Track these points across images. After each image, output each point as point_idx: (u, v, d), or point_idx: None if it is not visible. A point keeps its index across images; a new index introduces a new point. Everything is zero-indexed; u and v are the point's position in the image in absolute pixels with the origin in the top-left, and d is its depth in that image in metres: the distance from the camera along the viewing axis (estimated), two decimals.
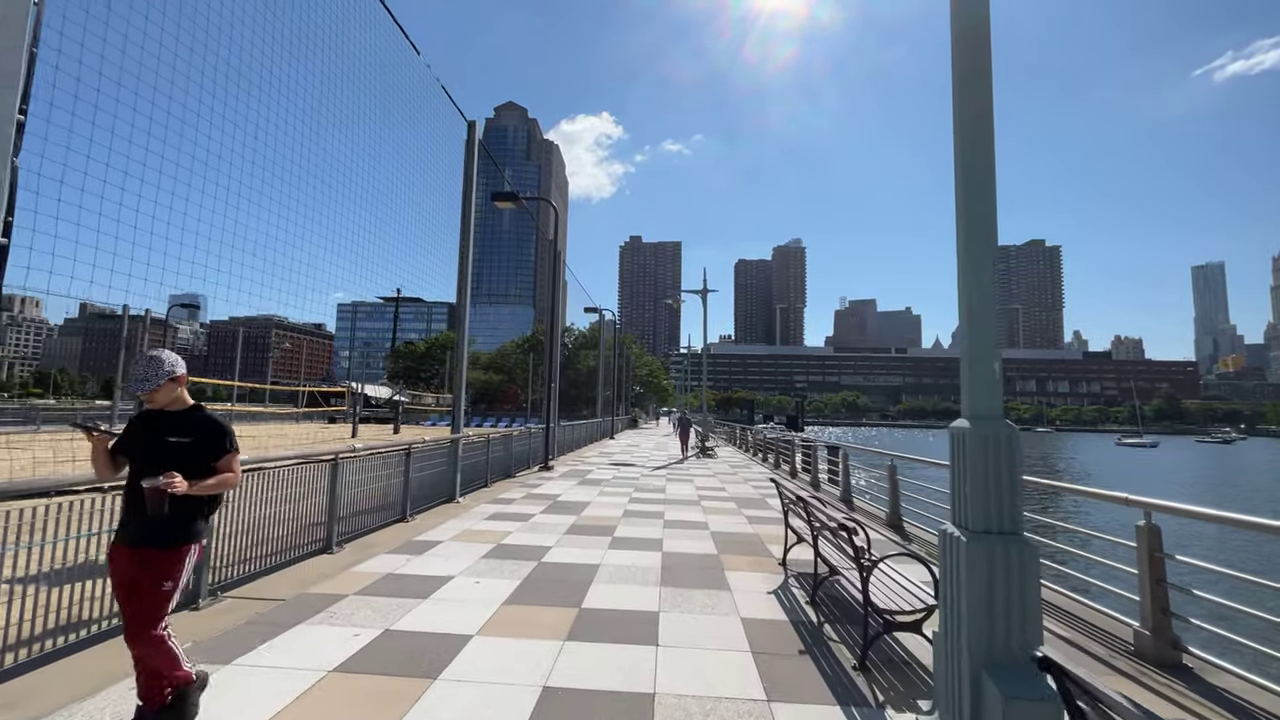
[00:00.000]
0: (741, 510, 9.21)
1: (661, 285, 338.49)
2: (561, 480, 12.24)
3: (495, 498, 9.62)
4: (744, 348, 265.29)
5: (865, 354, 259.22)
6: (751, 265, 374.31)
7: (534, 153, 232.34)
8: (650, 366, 72.58)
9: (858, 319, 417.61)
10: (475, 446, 10.36)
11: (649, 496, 10.34)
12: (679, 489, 11.48)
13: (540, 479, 12.33)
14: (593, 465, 15.87)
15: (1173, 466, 54.75)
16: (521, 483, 11.60)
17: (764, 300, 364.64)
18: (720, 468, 16.38)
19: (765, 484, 12.75)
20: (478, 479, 10.45)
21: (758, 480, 13.42)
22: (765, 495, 10.93)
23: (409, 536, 6.68)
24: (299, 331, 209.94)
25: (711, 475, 14.28)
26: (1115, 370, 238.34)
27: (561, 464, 15.81)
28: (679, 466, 16.44)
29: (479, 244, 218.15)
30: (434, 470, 8.64)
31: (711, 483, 12.71)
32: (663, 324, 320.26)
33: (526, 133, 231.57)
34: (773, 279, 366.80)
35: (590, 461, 17.02)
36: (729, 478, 13.83)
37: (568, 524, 7.66)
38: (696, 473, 14.81)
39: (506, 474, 12.33)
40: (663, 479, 13.10)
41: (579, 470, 14.40)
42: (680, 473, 14.69)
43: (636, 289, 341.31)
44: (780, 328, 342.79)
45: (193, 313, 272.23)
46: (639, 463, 17.11)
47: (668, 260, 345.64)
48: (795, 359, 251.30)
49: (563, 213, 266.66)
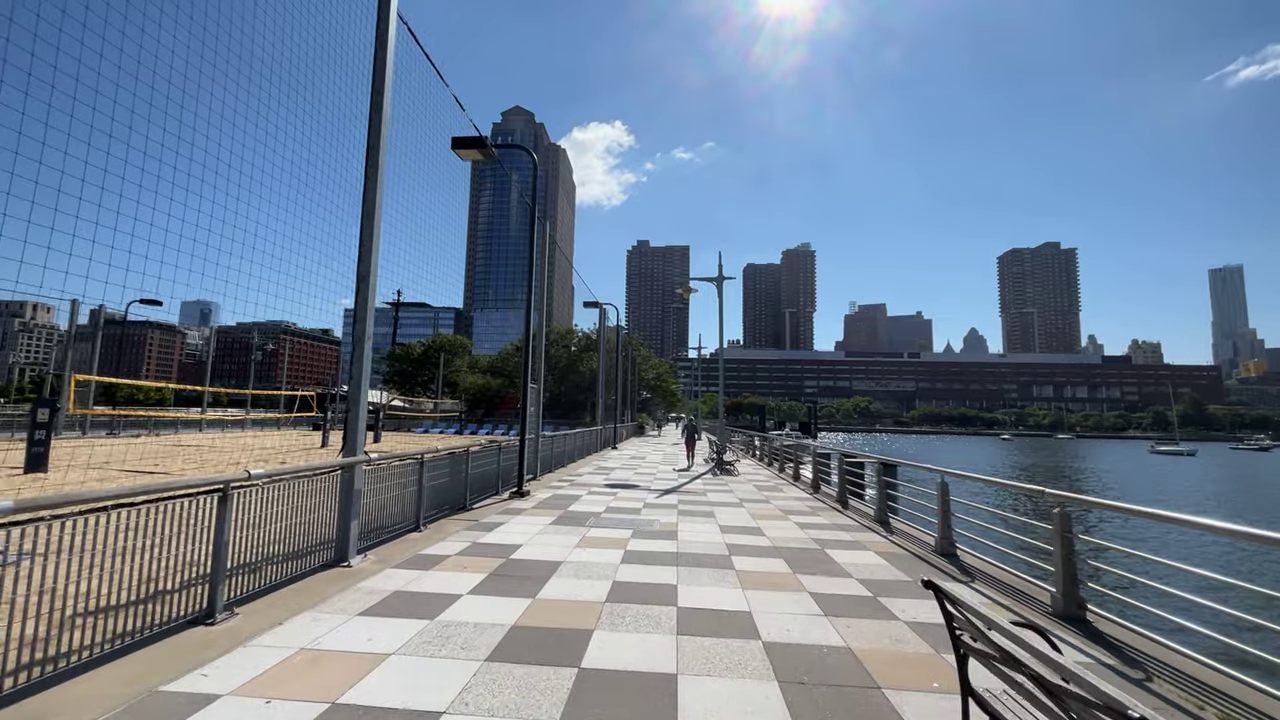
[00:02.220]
0: (800, 576, 5.81)
1: (669, 290, 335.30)
2: (532, 516, 8.87)
3: (414, 555, 6.27)
4: (753, 352, 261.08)
5: (877, 358, 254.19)
6: (760, 269, 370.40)
7: (541, 158, 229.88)
8: (658, 369, 69.06)
9: (868, 323, 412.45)
10: (396, 474, 7.03)
11: (653, 549, 6.95)
12: (697, 531, 8.08)
13: (503, 514, 8.96)
14: (583, 488, 12.49)
15: (1241, 479, 50.00)
16: (473, 523, 8.24)
17: (773, 305, 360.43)
18: (744, 489, 12.96)
19: (811, 516, 9.34)
20: (398, 524, 7.11)
21: (801, 512, 10.00)
22: (824, 542, 7.52)
23: (177, 668, 3.35)
24: (306, 337, 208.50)
25: (737, 503, 10.87)
26: (1136, 375, 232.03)
27: (543, 486, 12.45)
28: (692, 487, 13.03)
29: (485, 249, 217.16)
30: (309, 518, 5.34)
31: (740, 518, 9.30)
32: (671, 328, 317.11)
33: (533, 136, 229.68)
34: (782, 283, 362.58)
35: (582, 481, 13.65)
36: (760, 507, 10.42)
37: (505, 626, 4.29)
38: (716, 498, 11.40)
39: (459, 507, 8.99)
40: (672, 511, 9.70)
41: (563, 497, 11.03)
42: (695, 500, 11.28)
43: (644, 293, 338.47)
44: (790, 332, 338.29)
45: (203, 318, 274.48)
46: (642, 483, 13.72)
47: (675, 264, 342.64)
48: (805, 364, 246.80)
49: (569, 218, 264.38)
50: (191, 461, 16.75)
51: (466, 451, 9.20)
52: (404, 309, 72.51)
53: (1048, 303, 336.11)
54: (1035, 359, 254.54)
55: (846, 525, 8.85)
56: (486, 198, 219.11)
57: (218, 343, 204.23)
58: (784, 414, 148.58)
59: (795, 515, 9.65)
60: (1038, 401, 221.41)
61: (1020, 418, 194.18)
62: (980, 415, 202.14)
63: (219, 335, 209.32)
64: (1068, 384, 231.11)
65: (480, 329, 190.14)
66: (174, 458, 17.86)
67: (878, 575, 5.96)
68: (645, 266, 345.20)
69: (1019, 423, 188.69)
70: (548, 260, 50.10)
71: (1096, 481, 43.56)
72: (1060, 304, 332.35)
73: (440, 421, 50.69)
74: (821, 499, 11.84)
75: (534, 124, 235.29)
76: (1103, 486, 40.42)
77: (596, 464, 18.60)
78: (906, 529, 8.60)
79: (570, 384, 60.81)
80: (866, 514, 9.97)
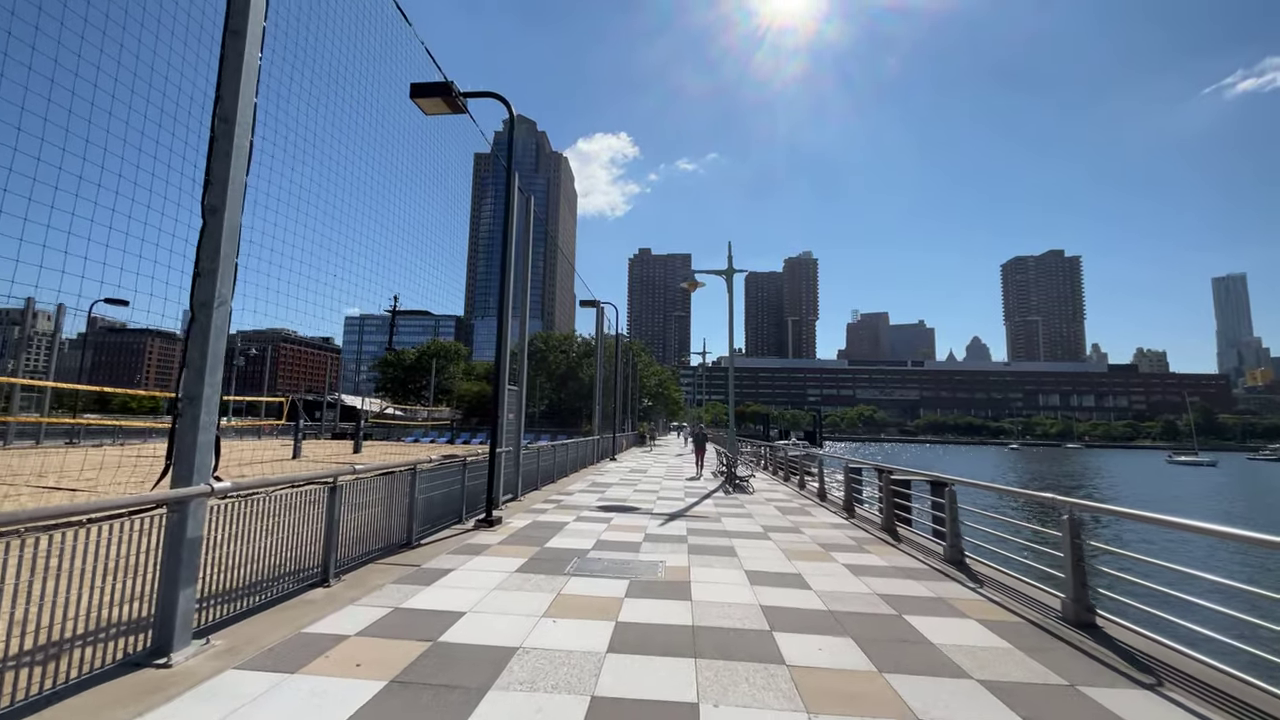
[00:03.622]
0: (889, 676, 3.63)
1: (671, 298, 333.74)
2: (496, 558, 6.71)
3: (292, 635, 4.10)
4: (756, 360, 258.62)
5: (881, 367, 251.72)
6: (762, 278, 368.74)
7: (542, 165, 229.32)
8: (660, 376, 66.82)
9: (870, 332, 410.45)
10: (292, 507, 4.88)
11: (657, 620, 4.79)
12: (717, 582, 5.92)
13: (458, 554, 6.81)
14: (571, 511, 10.32)
15: None
16: (411, 570, 6.09)
17: (775, 313, 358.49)
18: (765, 512, 10.78)
19: (859, 553, 7.17)
20: (288, 578, 4.95)
21: (844, 546, 7.81)
22: (896, 601, 5.35)
23: None
24: (306, 345, 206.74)
25: (760, 533, 8.69)
26: (1143, 384, 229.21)
27: (523, 510, 10.28)
28: (702, 510, 10.85)
29: (484, 257, 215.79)
30: (103, 582, 3.21)
31: (770, 557, 7.13)
32: (673, 336, 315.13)
33: (535, 145, 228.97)
34: (784, 291, 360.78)
35: (572, 503, 11.48)
36: (791, 539, 8.23)
37: None
38: (734, 525, 9.22)
39: (400, 545, 6.83)
40: (681, 547, 7.52)
41: (543, 525, 8.87)
42: (708, 529, 9.10)
43: (646, 301, 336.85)
44: (792, 341, 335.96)
45: None
46: (643, 503, 11.55)
47: (677, 272, 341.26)
48: (808, 372, 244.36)
49: (571, 226, 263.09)
50: (116, 475, 14.61)
51: (413, 469, 7.04)
52: (405, 316, 70.56)
53: (1052, 311, 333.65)
54: (1041, 368, 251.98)
55: (911, 569, 6.68)
56: (488, 207, 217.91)
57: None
58: (788, 422, 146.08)
59: (839, 552, 7.47)
60: (1044, 411, 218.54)
61: (1027, 427, 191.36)
62: (986, 424, 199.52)
63: None
64: (1074, 393, 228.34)
65: (481, 337, 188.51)
66: (117, 469, 15.72)
67: (1005, 670, 3.82)
68: (647, 274, 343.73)
69: (1026, 432, 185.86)
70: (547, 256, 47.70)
71: (1150, 497, 41.18)
72: (1065, 312, 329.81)
73: (432, 430, 48.49)
74: (860, 525, 9.66)
75: (535, 132, 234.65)
76: (1157, 500, 38.06)
77: (592, 479, 16.42)
78: (994, 575, 6.43)
79: (569, 391, 58.63)
80: (927, 548, 7.79)
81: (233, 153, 4.03)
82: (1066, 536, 4.97)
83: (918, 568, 6.75)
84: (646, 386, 60.85)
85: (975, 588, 5.95)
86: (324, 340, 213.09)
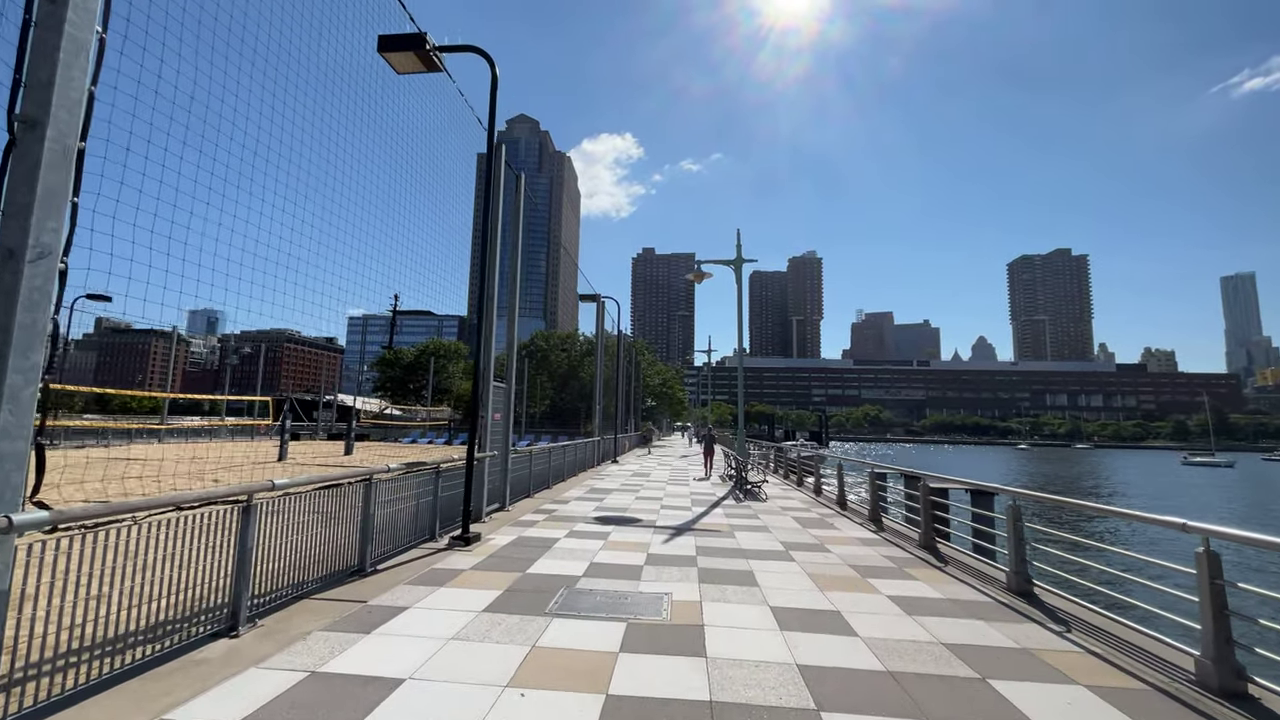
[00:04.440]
0: None
1: (675, 298, 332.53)
2: (464, 590, 5.52)
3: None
4: (760, 360, 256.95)
5: (886, 366, 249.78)
6: (766, 277, 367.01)
7: (545, 165, 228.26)
8: (664, 375, 65.58)
9: (875, 331, 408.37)
10: (194, 531, 3.69)
11: (662, 692, 3.59)
12: (736, 626, 4.71)
13: (418, 586, 5.62)
14: (563, 524, 9.14)
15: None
16: (355, 608, 4.91)
17: (779, 312, 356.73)
18: (782, 525, 9.56)
19: (903, 580, 5.96)
20: (183, 627, 3.75)
21: (883, 571, 6.59)
22: (966, 653, 4.12)
23: None
24: (310, 345, 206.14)
25: (781, 551, 7.48)
26: (1152, 384, 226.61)
27: (509, 523, 9.10)
28: (712, 522, 9.64)
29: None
30: None
31: (797, 587, 5.91)
32: (676, 337, 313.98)
33: (538, 145, 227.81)
34: (788, 291, 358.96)
35: (565, 513, 10.30)
36: (818, 560, 7.02)
37: None
38: (750, 542, 8.01)
39: (350, 573, 5.65)
40: (690, 573, 6.30)
41: (529, 543, 7.68)
42: (721, 547, 7.90)
43: (650, 300, 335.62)
44: (796, 340, 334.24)
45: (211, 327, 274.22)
46: (645, 514, 10.35)
47: (681, 272, 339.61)
48: (813, 372, 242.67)
49: (575, 226, 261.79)
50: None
51: (367, 480, 5.86)
52: (407, 316, 69.50)
53: (1059, 310, 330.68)
54: (1048, 367, 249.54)
55: (973, 604, 5.46)
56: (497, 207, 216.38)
57: (221, 350, 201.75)
58: (793, 423, 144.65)
59: (880, 578, 6.26)
60: (1051, 410, 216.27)
61: (1035, 427, 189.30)
62: (994, 424, 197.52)
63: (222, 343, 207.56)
64: (1081, 393, 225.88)
65: None
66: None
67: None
68: (651, 274, 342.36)
69: (1034, 432, 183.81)
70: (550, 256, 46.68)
71: (1241, 505, 39.74)
72: (1072, 311, 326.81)
73: (430, 430, 47.39)
74: (892, 541, 8.43)
75: (539, 131, 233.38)
76: (1248, 509, 36.63)
77: (590, 483, 15.24)
78: (1077, 612, 5.20)
79: (571, 391, 57.49)
80: (980, 572, 6.57)
81: (62, 47, 2.86)
82: (1203, 576, 3.80)
83: (980, 601, 5.52)
84: (650, 386, 59.66)
85: (1061, 631, 4.73)
86: (328, 340, 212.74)
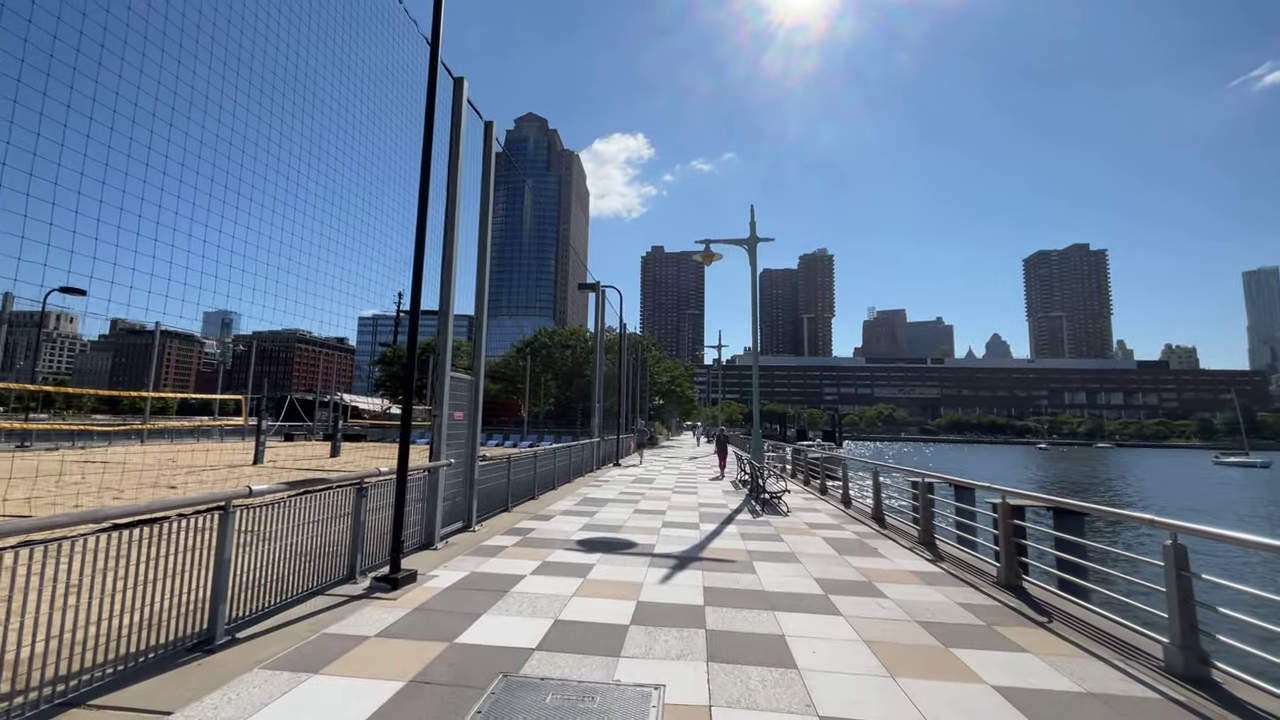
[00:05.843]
0: None
1: (685, 296, 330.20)
2: (337, 684, 3.64)
3: None
4: (771, 359, 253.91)
5: (900, 364, 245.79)
6: (777, 274, 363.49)
7: (554, 164, 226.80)
8: (672, 372, 63.52)
9: (887, 329, 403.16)
10: None
11: None
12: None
13: (284, 669, 3.74)
14: (538, 550, 7.25)
15: None
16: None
17: (790, 310, 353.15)
18: (813, 550, 7.61)
19: (998, 648, 4.01)
20: None
21: (968, 633, 4.63)
22: None
23: None
24: (321, 345, 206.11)
25: (818, 594, 5.53)
26: (1174, 381, 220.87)
27: (466, 551, 7.23)
28: (724, 545, 7.72)
29: (497, 257, 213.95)
30: None
31: (860, 673, 3.98)
32: (686, 336, 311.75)
33: (546, 143, 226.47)
34: (799, 288, 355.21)
35: (544, 533, 8.41)
36: (869, 611, 5.06)
37: None
38: (773, 578, 6.06)
39: (202, 644, 3.80)
40: (695, 646, 4.36)
41: (476, 588, 5.80)
42: (737, 589, 5.95)
43: (659, 299, 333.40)
44: (807, 338, 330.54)
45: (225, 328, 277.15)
46: (642, 535, 8.44)
47: (690, 270, 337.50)
48: (825, 370, 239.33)
49: (583, 225, 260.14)
50: None
51: (223, 507, 4.02)
52: (414, 315, 67.99)
53: (1077, 306, 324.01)
54: (1066, 364, 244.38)
55: (1134, 701, 3.50)
56: (500, 206, 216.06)
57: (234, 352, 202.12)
58: (805, 422, 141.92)
59: (969, 648, 4.30)
60: (1069, 409, 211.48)
61: (1053, 425, 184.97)
62: (1010, 423, 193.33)
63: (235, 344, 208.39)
64: (1101, 390, 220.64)
65: (491, 335, 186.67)
66: None
67: None
68: (660, 274, 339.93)
69: (1052, 430, 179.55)
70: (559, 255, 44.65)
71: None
72: (1091, 308, 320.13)
73: (429, 431, 45.65)
74: (957, 573, 6.48)
75: (547, 130, 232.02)
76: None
77: (585, 491, 13.35)
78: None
79: (576, 390, 55.69)
80: (1111, 636, 4.60)
81: None
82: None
83: (1143, 697, 3.56)
84: (658, 384, 57.70)
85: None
86: (338, 340, 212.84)
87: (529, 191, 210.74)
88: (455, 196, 7.72)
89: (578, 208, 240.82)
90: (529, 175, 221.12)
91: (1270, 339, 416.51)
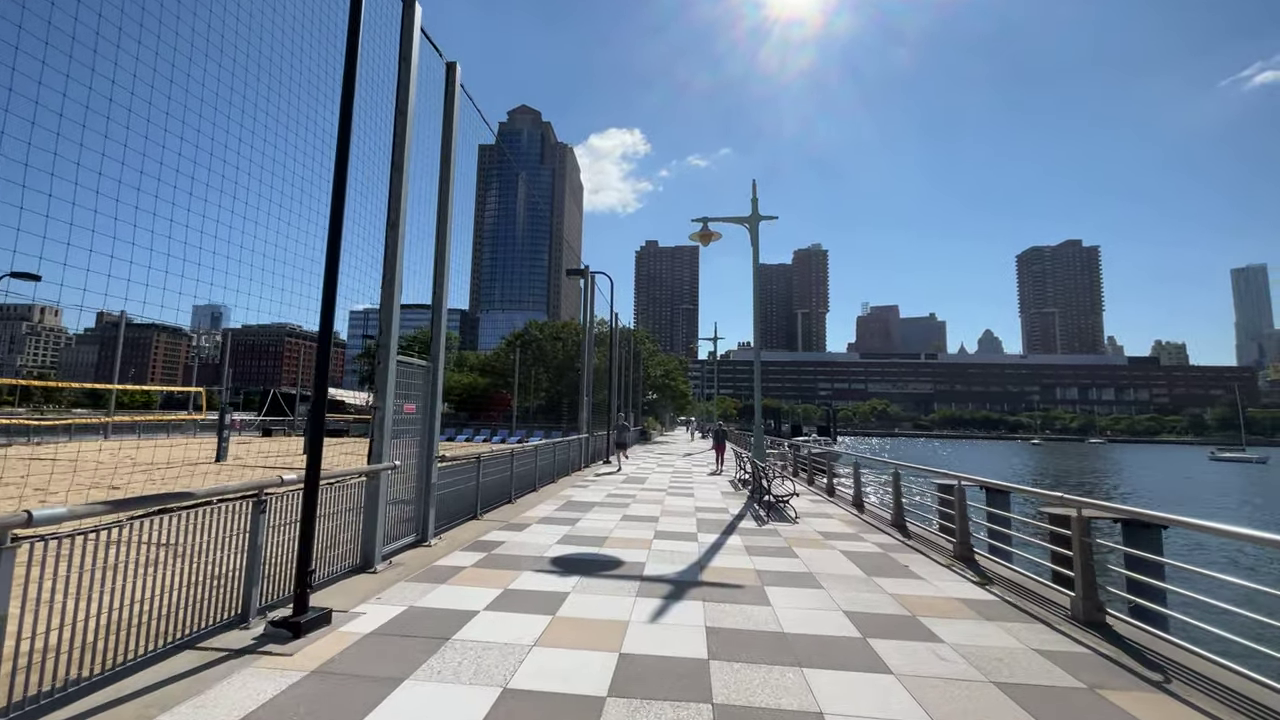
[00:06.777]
0: None
1: (679, 291, 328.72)
2: None
3: None
4: (765, 354, 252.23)
5: (893, 360, 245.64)
6: (771, 269, 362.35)
7: (548, 157, 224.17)
8: (666, 366, 62.22)
9: (880, 325, 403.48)
10: None
11: None
12: None
13: None
14: (497, 576, 5.95)
15: None
16: None
17: (784, 305, 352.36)
18: (835, 570, 6.36)
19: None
20: None
21: (1052, 691, 3.40)
22: None
23: None
24: (311, 339, 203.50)
25: (857, 641, 4.28)
26: (1165, 377, 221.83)
27: (411, 575, 5.90)
28: (727, 563, 6.44)
29: (491, 252, 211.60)
30: None
31: None
32: (680, 331, 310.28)
33: (540, 136, 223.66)
34: (793, 284, 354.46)
35: (511, 550, 7.11)
36: (935, 671, 3.81)
37: None
38: (795, 614, 4.81)
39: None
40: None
41: (412, 629, 4.50)
42: (748, 629, 4.68)
43: (654, 294, 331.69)
44: (802, 334, 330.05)
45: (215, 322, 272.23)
46: (631, 550, 7.16)
47: (685, 265, 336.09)
48: (819, 365, 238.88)
49: (577, 219, 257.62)
50: None
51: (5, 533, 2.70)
52: (406, 310, 66.40)
53: (1070, 302, 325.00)
54: (1058, 360, 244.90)
55: None
56: (493, 199, 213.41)
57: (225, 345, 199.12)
58: (799, 417, 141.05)
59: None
60: (1061, 404, 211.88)
61: (1045, 421, 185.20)
62: (1004, 418, 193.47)
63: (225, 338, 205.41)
64: (1092, 386, 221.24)
65: (485, 331, 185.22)
66: None
67: None
68: (654, 269, 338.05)
69: (1045, 426, 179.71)
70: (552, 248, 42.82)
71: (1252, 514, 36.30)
72: (1083, 304, 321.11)
73: None
74: (1015, 602, 5.23)
75: (540, 123, 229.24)
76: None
77: (569, 494, 12.06)
78: None
79: (566, 384, 54.32)
80: (1244, 698, 3.37)
81: None
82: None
83: None
84: (652, 378, 56.43)
85: None
86: None
87: (522, 184, 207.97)
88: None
89: (571, 201, 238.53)
90: (522, 168, 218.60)
91: (1258, 335, 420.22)
